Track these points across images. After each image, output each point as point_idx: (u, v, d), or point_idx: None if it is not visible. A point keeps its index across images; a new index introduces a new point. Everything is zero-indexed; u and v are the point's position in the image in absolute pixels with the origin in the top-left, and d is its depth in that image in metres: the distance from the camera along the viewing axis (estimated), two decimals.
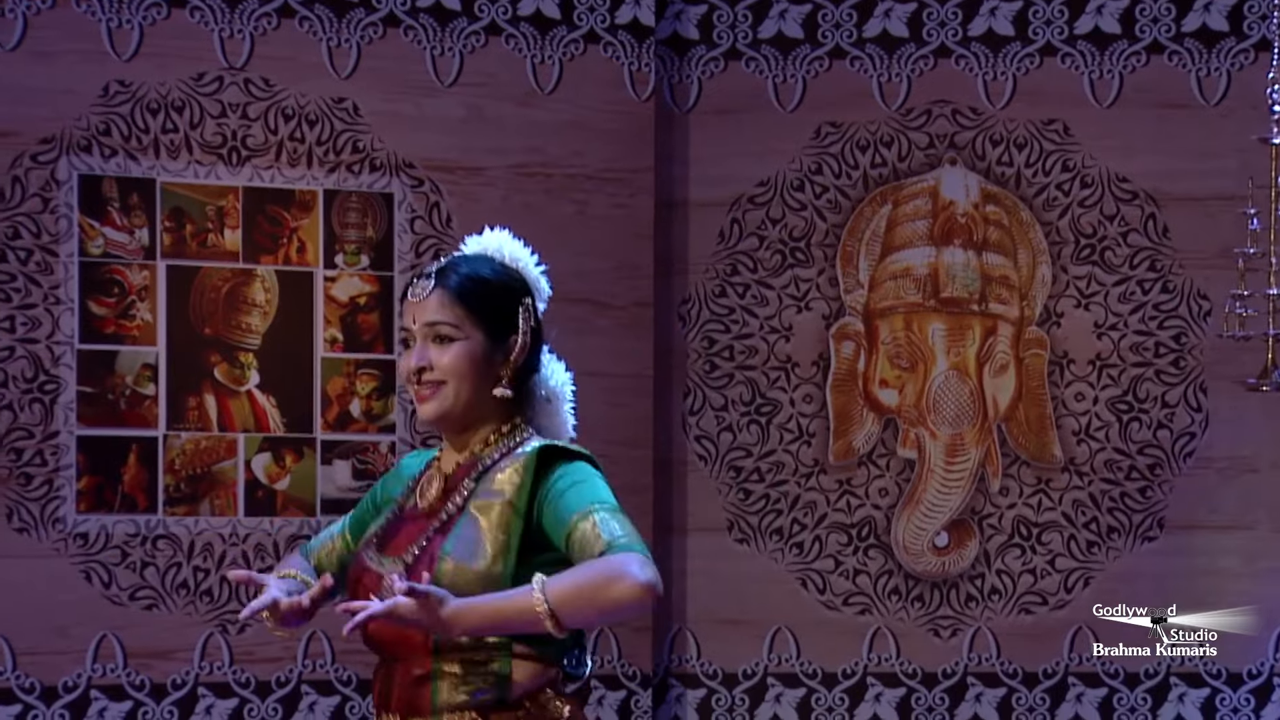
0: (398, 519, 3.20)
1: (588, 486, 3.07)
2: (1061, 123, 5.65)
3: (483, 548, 3.03)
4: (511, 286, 3.17)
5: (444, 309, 3.11)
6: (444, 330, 3.10)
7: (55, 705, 5.11)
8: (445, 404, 3.12)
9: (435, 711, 3.04)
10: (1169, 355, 5.65)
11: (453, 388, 3.11)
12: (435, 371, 3.11)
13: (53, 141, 5.12)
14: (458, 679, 3.04)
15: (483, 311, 3.13)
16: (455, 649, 3.02)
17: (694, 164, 5.67)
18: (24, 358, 5.10)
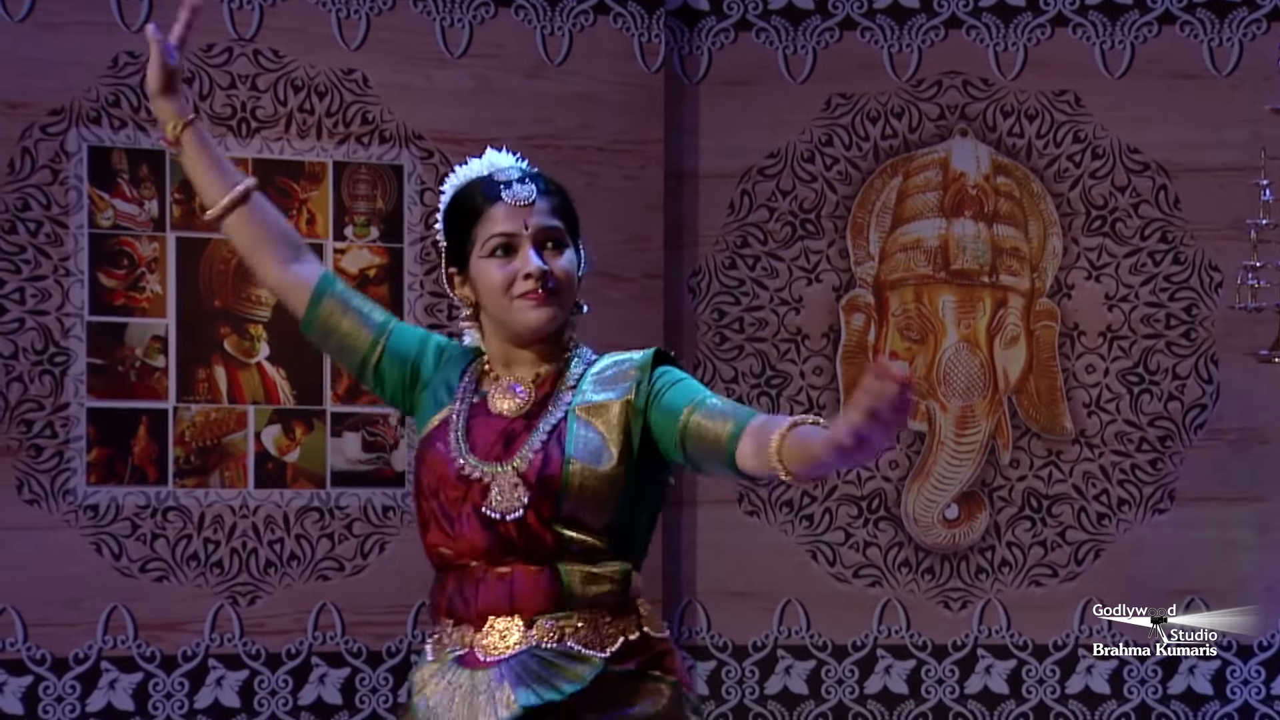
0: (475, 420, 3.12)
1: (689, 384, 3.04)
2: (1073, 94, 5.64)
3: (607, 450, 3.01)
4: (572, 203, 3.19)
5: (553, 214, 3.09)
6: (559, 235, 3.09)
7: (66, 677, 5.13)
8: (553, 312, 3.07)
9: (567, 607, 3.01)
10: (1180, 327, 5.65)
11: (567, 295, 3.09)
12: (557, 275, 3.07)
13: (62, 113, 5.12)
14: (585, 576, 3.02)
15: (574, 223, 3.14)
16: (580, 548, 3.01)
17: (704, 135, 5.66)
18: (34, 329, 5.11)
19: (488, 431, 3.09)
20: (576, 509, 3.01)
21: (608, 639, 3.02)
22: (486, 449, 3.06)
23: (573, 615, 3.02)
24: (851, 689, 5.64)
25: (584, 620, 3.02)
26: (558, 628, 3.01)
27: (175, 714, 5.21)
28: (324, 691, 5.36)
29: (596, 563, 3.02)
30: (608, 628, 3.03)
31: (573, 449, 3.02)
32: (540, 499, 3.00)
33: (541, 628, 3.01)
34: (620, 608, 3.03)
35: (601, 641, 3.02)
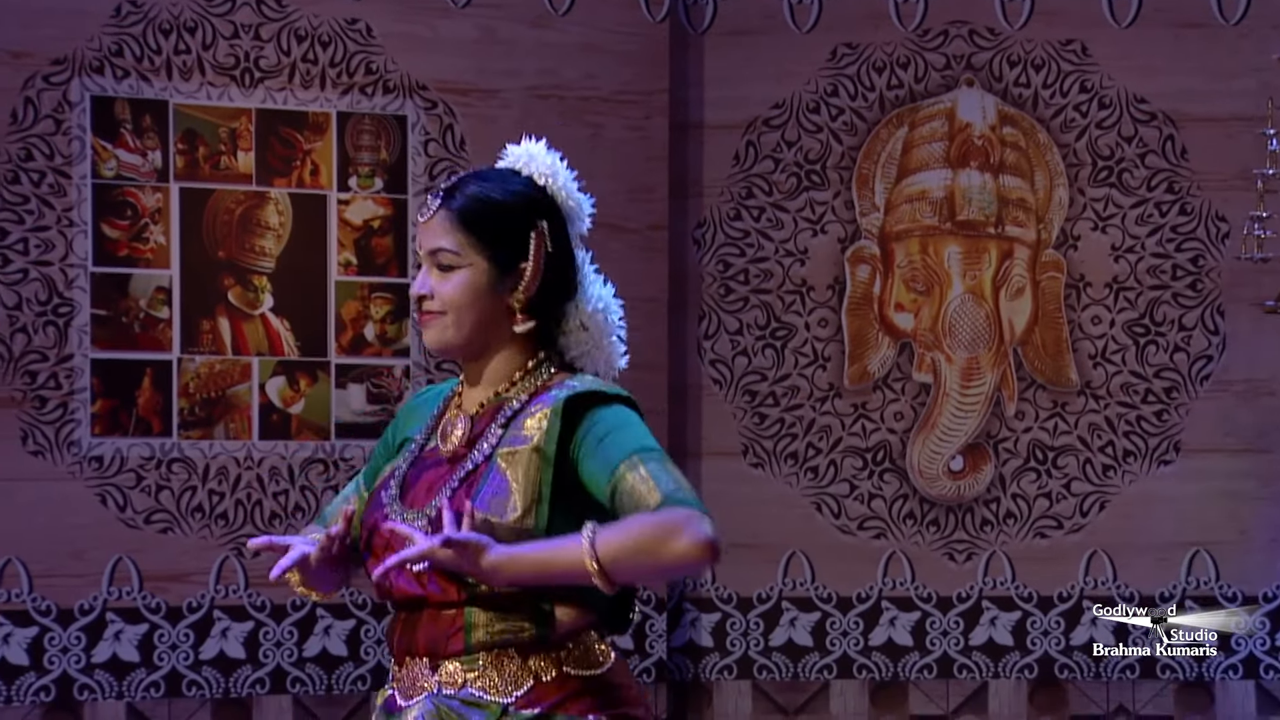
0: (418, 463, 3.04)
1: (629, 433, 2.89)
2: (1079, 43, 5.65)
3: (512, 500, 2.89)
4: (522, 207, 2.97)
5: (446, 234, 2.94)
6: (444, 258, 2.93)
7: (71, 628, 5.14)
8: (446, 335, 2.95)
9: (469, 650, 2.92)
10: (1186, 278, 5.66)
11: (452, 319, 2.95)
12: (435, 301, 2.95)
13: (64, 63, 5.12)
14: (493, 617, 2.92)
15: (487, 237, 2.94)
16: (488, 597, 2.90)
17: (709, 86, 5.67)
18: (37, 280, 5.11)
19: (424, 477, 3.01)
20: None
21: (513, 682, 2.91)
22: (416, 496, 2.99)
23: (478, 659, 2.92)
24: (856, 641, 5.66)
25: (489, 663, 2.92)
26: (461, 673, 2.92)
27: (181, 665, 5.22)
28: (329, 643, 5.37)
29: (508, 606, 2.91)
30: (516, 670, 2.92)
31: (478, 499, 2.90)
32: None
33: (445, 672, 2.93)
34: (536, 647, 2.92)
35: (505, 685, 2.91)
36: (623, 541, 2.76)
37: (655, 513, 2.79)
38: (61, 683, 5.14)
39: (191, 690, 5.23)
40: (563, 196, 3.02)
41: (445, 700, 2.90)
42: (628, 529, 2.78)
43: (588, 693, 2.91)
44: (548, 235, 2.95)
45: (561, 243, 2.98)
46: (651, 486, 2.82)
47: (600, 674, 2.91)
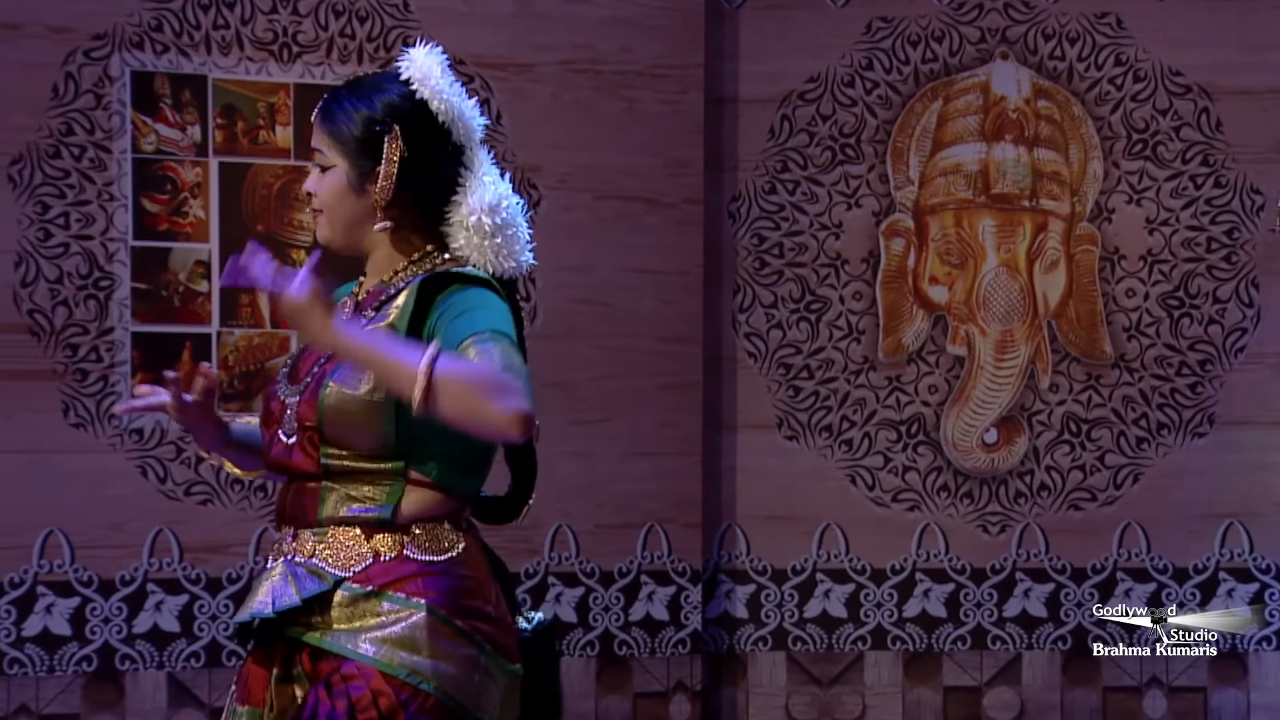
0: (305, 347, 3.15)
1: (481, 314, 2.98)
2: (1114, 16, 5.63)
3: (364, 374, 2.97)
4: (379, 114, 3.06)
5: (318, 136, 3.07)
6: (317, 158, 3.08)
7: (113, 598, 5.15)
8: (324, 231, 3.09)
9: (320, 523, 3.02)
10: (1221, 250, 5.64)
11: (325, 217, 3.08)
12: (315, 200, 3.09)
13: (105, 38, 5.11)
14: (344, 496, 3.01)
15: (345, 140, 3.06)
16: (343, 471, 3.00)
17: (744, 60, 5.64)
18: (79, 254, 5.11)
19: (312, 354, 3.10)
20: (336, 432, 2.99)
21: (354, 557, 2.99)
22: (298, 373, 3.10)
23: (326, 531, 3.01)
24: (890, 612, 5.66)
25: (336, 538, 3.01)
26: (312, 543, 3.02)
27: (220, 635, 5.22)
28: None
29: (361, 485, 3.00)
30: (358, 546, 3.00)
31: (336, 374, 3.00)
32: (303, 419, 3.01)
33: (300, 540, 3.03)
34: (380, 527, 3.00)
35: (345, 560, 2.99)
36: (458, 374, 2.80)
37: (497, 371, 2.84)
38: (103, 653, 5.14)
39: (231, 660, 5.22)
40: (437, 104, 3.07)
41: (294, 566, 3.01)
42: (470, 368, 2.83)
43: (422, 576, 2.97)
44: (401, 140, 3.03)
45: (425, 148, 3.04)
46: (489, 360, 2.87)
47: (440, 560, 2.99)
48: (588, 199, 5.50)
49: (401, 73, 3.10)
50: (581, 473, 5.45)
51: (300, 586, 2.99)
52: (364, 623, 2.97)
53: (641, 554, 5.49)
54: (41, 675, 5.10)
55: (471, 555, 3.05)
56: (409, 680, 2.95)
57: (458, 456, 3.02)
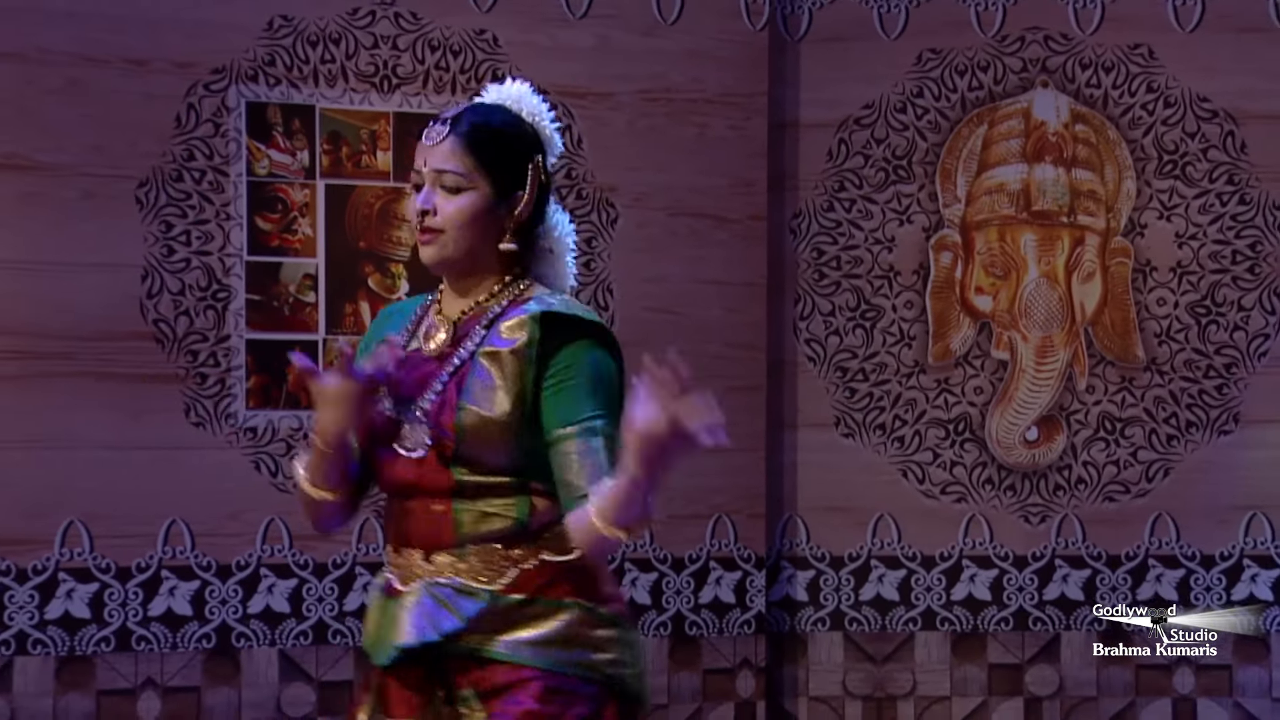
0: (405, 364, 3.00)
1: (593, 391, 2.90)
2: (1146, 47, 5.56)
3: (499, 395, 2.90)
4: (524, 140, 2.96)
5: (454, 157, 2.91)
6: (450, 180, 2.91)
7: (229, 582, 5.15)
8: (444, 251, 2.94)
9: (459, 543, 2.93)
10: (1245, 262, 5.57)
11: (451, 236, 2.93)
12: (438, 218, 2.92)
13: (223, 72, 5.11)
14: (477, 515, 2.93)
15: (492, 164, 2.93)
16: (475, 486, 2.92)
17: (805, 88, 5.60)
18: (199, 268, 5.11)
19: (420, 373, 2.99)
20: (471, 451, 2.91)
21: (500, 571, 2.93)
22: (408, 389, 2.97)
23: (466, 550, 2.93)
24: (939, 596, 5.62)
25: (476, 555, 2.93)
26: (452, 563, 2.93)
27: (326, 616, 5.22)
28: None
29: (491, 500, 2.92)
30: (501, 560, 2.93)
31: (468, 394, 2.90)
32: (440, 439, 2.91)
33: (438, 562, 2.94)
34: (518, 539, 2.93)
35: (492, 574, 2.93)
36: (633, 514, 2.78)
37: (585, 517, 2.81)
38: (221, 631, 5.13)
39: (336, 639, 5.21)
40: (547, 134, 3.01)
41: (439, 588, 2.92)
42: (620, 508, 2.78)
43: (564, 577, 2.93)
44: (541, 169, 2.97)
45: (547, 176, 2.98)
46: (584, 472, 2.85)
47: (574, 559, 2.93)
48: (661, 216, 5.46)
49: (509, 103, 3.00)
50: None
51: (457, 608, 2.92)
52: (522, 629, 2.92)
53: (710, 542, 5.47)
54: (165, 651, 5.10)
55: None
56: (575, 673, 2.92)
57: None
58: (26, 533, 4.99)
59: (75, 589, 5.03)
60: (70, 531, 5.03)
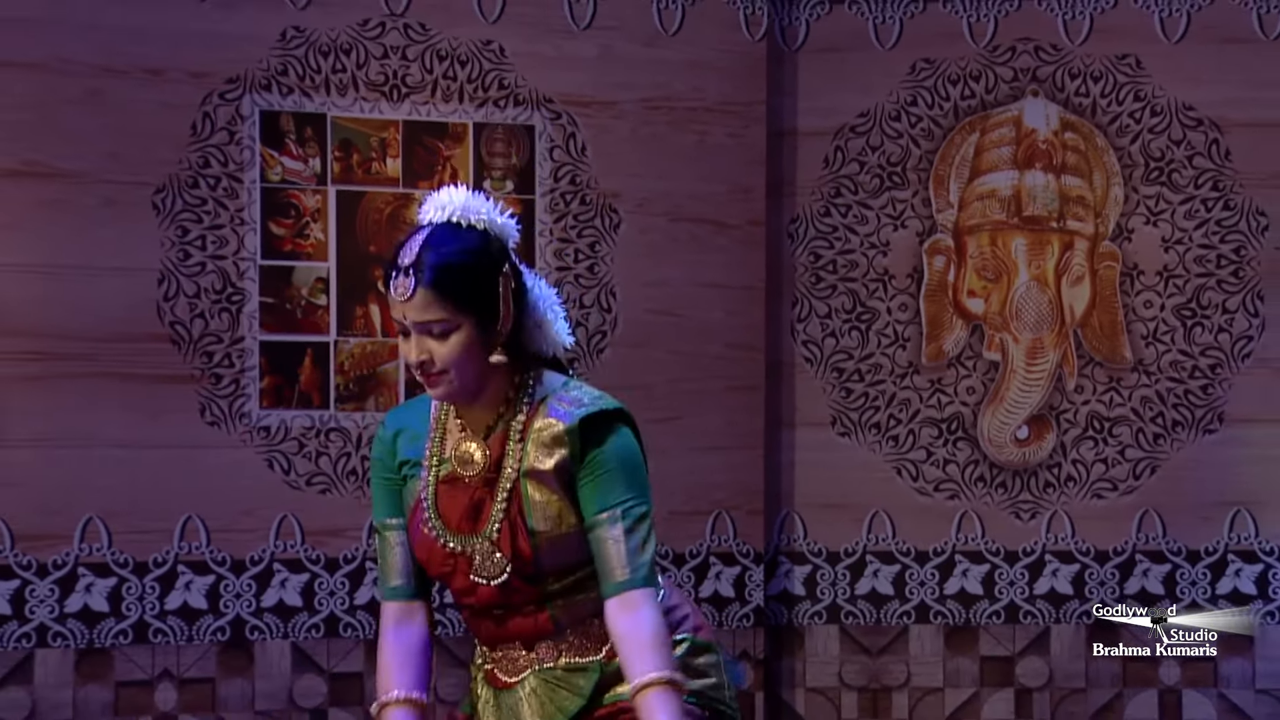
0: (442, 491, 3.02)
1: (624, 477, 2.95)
2: (1134, 57, 5.55)
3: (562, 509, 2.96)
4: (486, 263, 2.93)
5: (431, 308, 2.89)
6: (435, 328, 2.90)
7: (244, 576, 5.14)
8: (453, 388, 2.94)
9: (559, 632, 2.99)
10: (1229, 266, 5.55)
11: (455, 374, 2.92)
12: (436, 364, 2.92)
13: (237, 81, 5.10)
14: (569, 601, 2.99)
15: (468, 301, 2.90)
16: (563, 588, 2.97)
17: (802, 97, 5.58)
18: (214, 272, 5.10)
19: (455, 503, 3.00)
20: (552, 562, 2.95)
21: (601, 641, 2.99)
22: (458, 521, 2.99)
23: (566, 634, 2.99)
24: (932, 590, 5.60)
25: (575, 634, 2.99)
26: (555, 648, 2.99)
27: (338, 609, 5.21)
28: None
29: (575, 589, 2.98)
30: (598, 631, 2.99)
31: (533, 520, 2.94)
32: (519, 565, 2.94)
33: (541, 650, 2.99)
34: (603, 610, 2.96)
35: (595, 646, 2.99)
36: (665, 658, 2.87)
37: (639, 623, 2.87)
38: (235, 624, 5.13)
39: (347, 632, 5.22)
40: (499, 230, 2.97)
41: (549, 672, 2.99)
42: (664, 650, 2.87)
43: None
44: (511, 276, 2.94)
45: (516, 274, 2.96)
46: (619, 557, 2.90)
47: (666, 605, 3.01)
48: (663, 221, 5.45)
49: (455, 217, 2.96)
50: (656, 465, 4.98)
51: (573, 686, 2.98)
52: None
53: (710, 538, 5.47)
54: (181, 644, 5.09)
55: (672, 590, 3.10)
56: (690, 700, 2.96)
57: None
58: (47, 528, 4.99)
59: (94, 583, 5.03)
60: (89, 527, 5.02)
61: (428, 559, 3.02)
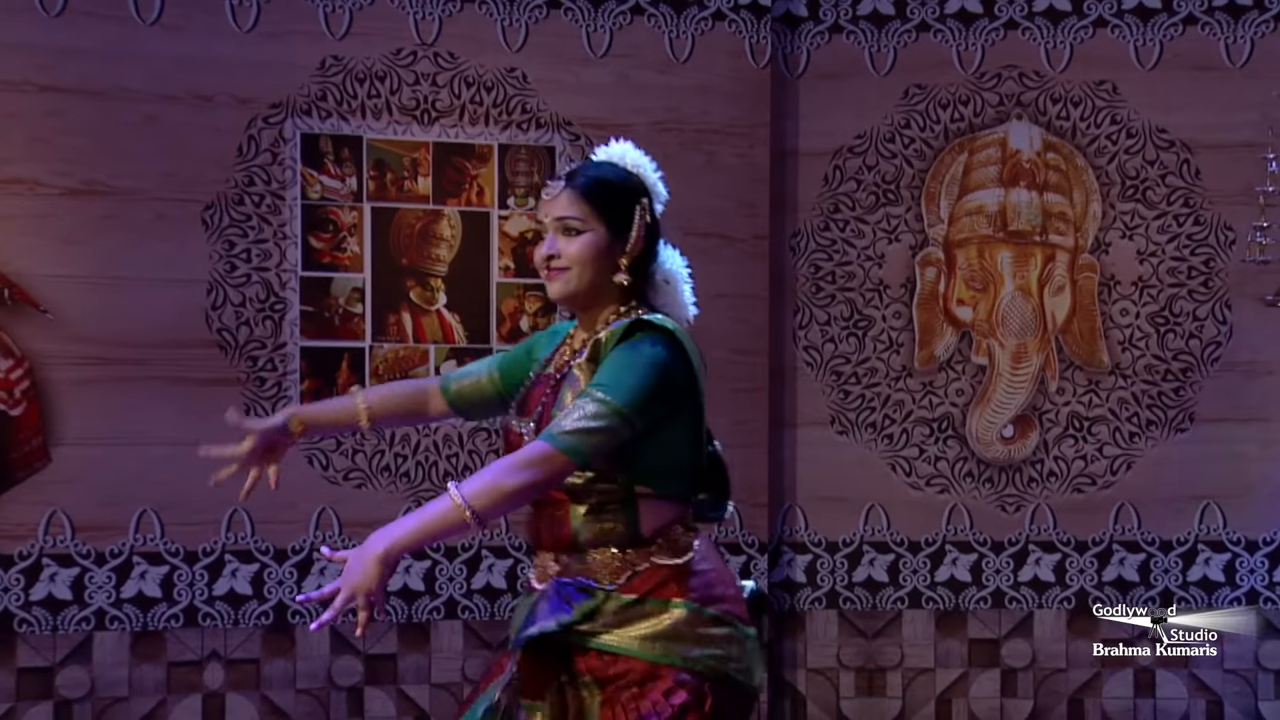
0: (532, 383, 3.13)
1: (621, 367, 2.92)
2: (1111, 83, 5.56)
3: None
4: (630, 188, 3.05)
5: (571, 205, 3.01)
6: (571, 223, 3.01)
7: (285, 564, 5.16)
8: (569, 286, 3.03)
9: (579, 548, 3.00)
10: (1200, 277, 5.57)
11: (575, 273, 3.01)
12: (562, 259, 3.01)
13: (280, 106, 5.12)
14: (594, 519, 2.99)
15: (604, 208, 3.02)
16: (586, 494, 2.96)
17: (803, 120, 5.58)
18: (258, 283, 5.11)
19: (538, 390, 3.09)
20: None
21: (617, 573, 2.98)
22: (528, 407, 3.08)
23: (586, 553, 2.99)
24: (924, 577, 5.61)
25: (596, 558, 2.99)
26: (574, 564, 3.00)
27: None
28: (492, 578, 5.33)
29: (604, 509, 2.98)
30: (618, 563, 2.98)
31: (559, 404, 3.00)
32: None
33: (563, 563, 3.02)
34: (630, 543, 2.99)
35: (608, 575, 2.98)
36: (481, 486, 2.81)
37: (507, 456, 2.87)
38: (277, 609, 5.14)
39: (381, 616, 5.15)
40: (651, 182, 3.12)
41: (564, 586, 3.00)
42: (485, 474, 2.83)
43: (674, 579, 2.99)
44: (647, 212, 3.07)
45: (654, 219, 3.09)
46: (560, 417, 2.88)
47: (684, 563, 3.00)
48: (674, 235, 4.65)
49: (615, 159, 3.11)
50: None
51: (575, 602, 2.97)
52: (636, 626, 2.98)
53: (718, 529, 5.35)
54: (228, 627, 5.11)
55: (705, 549, 3.05)
56: (684, 665, 2.96)
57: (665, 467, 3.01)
58: (105, 520, 5.00)
59: (148, 571, 5.06)
60: (143, 519, 5.04)
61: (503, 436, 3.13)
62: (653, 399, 2.93)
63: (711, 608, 3.01)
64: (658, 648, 2.96)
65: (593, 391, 2.91)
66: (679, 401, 3.00)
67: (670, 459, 3.00)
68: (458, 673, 5.34)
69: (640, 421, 2.92)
